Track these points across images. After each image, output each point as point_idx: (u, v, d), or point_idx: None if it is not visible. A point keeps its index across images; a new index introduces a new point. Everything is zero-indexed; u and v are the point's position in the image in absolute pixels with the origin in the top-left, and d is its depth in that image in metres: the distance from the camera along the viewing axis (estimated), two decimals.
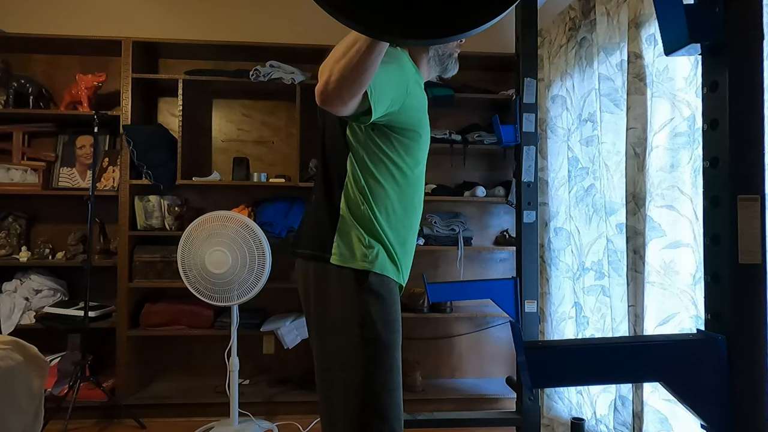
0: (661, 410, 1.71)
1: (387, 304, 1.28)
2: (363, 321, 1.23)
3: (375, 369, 1.22)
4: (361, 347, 1.23)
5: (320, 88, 1.04)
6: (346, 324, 1.24)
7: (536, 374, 0.90)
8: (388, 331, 1.26)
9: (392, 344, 1.26)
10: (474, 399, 3.00)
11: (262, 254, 2.39)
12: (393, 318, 1.28)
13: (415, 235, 1.42)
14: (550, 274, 2.70)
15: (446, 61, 1.45)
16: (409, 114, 1.25)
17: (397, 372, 1.26)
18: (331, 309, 1.27)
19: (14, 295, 2.81)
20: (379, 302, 1.26)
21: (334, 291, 1.27)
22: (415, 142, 1.32)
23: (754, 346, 0.89)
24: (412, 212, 1.38)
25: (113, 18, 3.13)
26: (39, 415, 1.76)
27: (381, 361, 1.23)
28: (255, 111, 3.22)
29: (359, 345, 1.23)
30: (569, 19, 2.48)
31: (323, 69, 1.03)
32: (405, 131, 1.28)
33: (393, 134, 1.27)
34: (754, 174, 0.89)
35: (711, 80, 0.93)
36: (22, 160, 2.92)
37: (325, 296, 1.28)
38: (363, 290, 1.25)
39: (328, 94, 1.03)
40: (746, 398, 0.89)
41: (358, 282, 1.25)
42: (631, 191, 1.87)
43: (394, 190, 1.31)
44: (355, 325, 1.23)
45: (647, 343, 0.96)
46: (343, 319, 1.25)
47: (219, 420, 2.62)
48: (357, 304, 1.24)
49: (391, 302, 1.29)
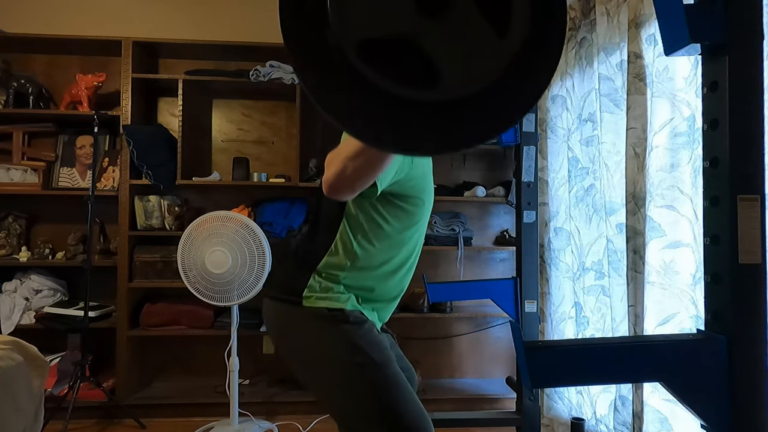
0: (661, 410, 1.71)
1: (366, 328, 1.26)
2: (350, 349, 1.21)
3: (383, 390, 1.20)
4: (360, 374, 1.20)
5: (331, 181, 0.99)
6: (335, 358, 1.21)
7: (536, 374, 0.90)
8: (377, 350, 1.23)
9: (386, 361, 1.23)
10: (474, 399, 3.00)
11: (262, 254, 2.39)
12: (377, 340, 1.26)
13: (401, 290, 1.40)
14: (550, 274, 2.70)
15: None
16: (413, 182, 1.24)
17: (403, 383, 1.23)
18: (314, 350, 1.25)
19: (14, 295, 2.81)
20: (358, 328, 1.24)
21: (311, 331, 1.25)
22: (418, 207, 1.31)
23: (754, 346, 0.89)
24: (401, 272, 1.36)
25: (113, 18, 3.13)
26: (39, 415, 1.75)
27: (383, 380, 1.21)
28: (255, 111, 3.22)
29: (357, 373, 1.20)
30: (569, 19, 2.48)
31: (333, 161, 0.99)
32: (408, 198, 1.27)
33: (395, 201, 1.26)
34: (754, 174, 0.89)
35: (711, 80, 0.93)
36: (22, 160, 2.92)
37: (304, 339, 1.26)
38: (339, 322, 1.24)
39: (340, 188, 0.99)
40: (746, 398, 0.89)
41: (333, 317, 1.24)
42: (631, 191, 1.87)
43: (387, 254, 1.30)
44: (345, 356, 1.21)
45: (647, 343, 0.96)
46: (331, 354, 1.22)
47: (219, 420, 2.62)
48: (339, 336, 1.22)
49: (370, 327, 1.27)
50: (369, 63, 0.56)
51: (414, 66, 0.58)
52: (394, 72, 0.57)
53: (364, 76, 0.56)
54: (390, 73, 0.57)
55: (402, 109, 0.58)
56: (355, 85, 0.57)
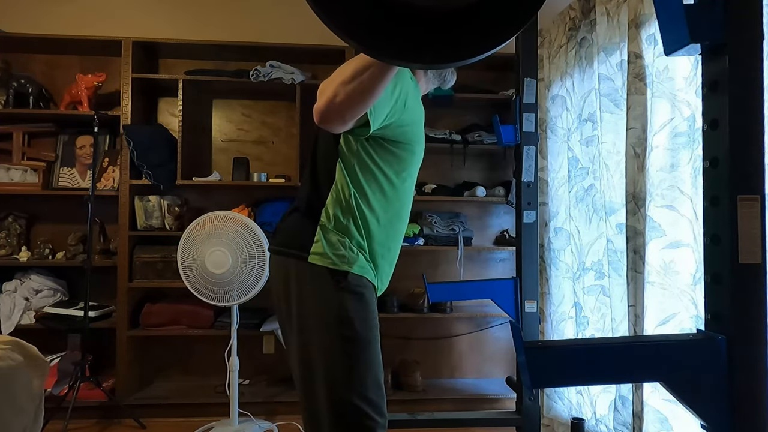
0: (661, 410, 1.71)
1: (364, 302, 1.28)
2: (341, 318, 1.24)
3: (355, 364, 1.23)
4: (341, 344, 1.23)
5: (321, 108, 1.02)
6: (325, 322, 1.24)
7: (536, 374, 0.90)
8: (366, 328, 1.26)
9: (371, 340, 1.27)
10: (474, 399, 3.00)
11: (262, 254, 2.39)
12: (370, 316, 1.29)
13: (399, 245, 1.42)
14: (550, 274, 2.70)
15: (444, 72, 1.45)
16: (405, 128, 1.25)
17: (377, 366, 1.27)
18: (309, 306, 1.27)
19: (14, 295, 2.81)
20: (356, 300, 1.26)
21: (312, 289, 1.27)
22: (409, 154, 1.32)
23: (754, 346, 0.89)
24: (397, 223, 1.38)
25: (113, 18, 3.13)
26: (39, 415, 1.75)
27: (360, 357, 1.24)
28: (255, 111, 3.22)
29: (338, 342, 1.23)
30: (569, 19, 2.48)
31: (325, 89, 1.01)
32: (399, 144, 1.28)
33: (387, 146, 1.27)
34: (754, 174, 0.89)
35: (711, 80, 0.93)
36: (22, 160, 2.92)
37: (304, 294, 1.28)
38: (341, 289, 1.25)
39: (330, 114, 1.02)
40: (746, 398, 0.89)
41: (335, 281, 1.25)
42: (631, 191, 1.87)
43: (381, 201, 1.31)
44: (334, 323, 1.24)
45: (647, 343, 0.96)
46: (322, 316, 1.25)
47: (219, 420, 2.62)
48: (335, 303, 1.24)
49: (368, 301, 1.29)
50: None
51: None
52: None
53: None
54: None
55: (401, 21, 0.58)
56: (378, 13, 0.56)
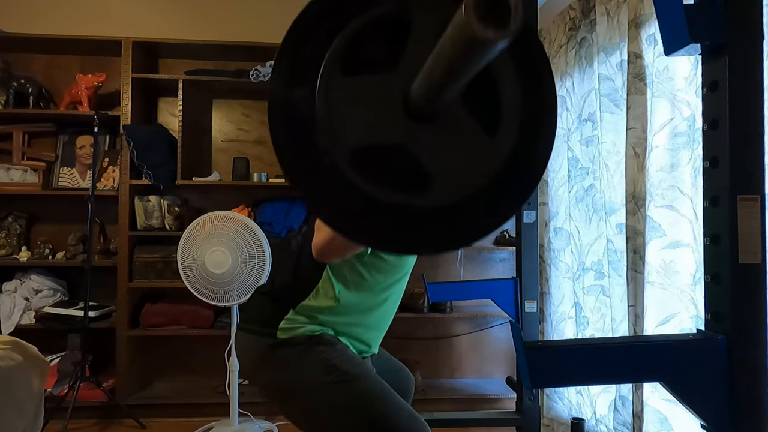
0: (661, 410, 1.71)
1: (339, 348, 1.26)
2: (324, 369, 1.20)
3: (367, 401, 1.19)
4: (340, 391, 1.19)
5: (320, 246, 1.03)
6: (312, 382, 1.21)
7: (536, 374, 0.89)
8: (352, 365, 1.23)
9: (363, 375, 1.23)
10: (474, 399, 3.00)
11: (262, 254, 2.39)
12: (350, 356, 1.26)
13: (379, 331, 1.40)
14: (550, 274, 2.70)
15: None
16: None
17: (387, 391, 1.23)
18: (290, 378, 1.23)
19: (14, 295, 2.81)
20: (331, 349, 1.24)
21: (284, 360, 1.24)
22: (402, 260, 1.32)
23: (754, 346, 0.89)
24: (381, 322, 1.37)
25: (113, 18, 3.13)
26: (39, 415, 1.75)
27: (365, 391, 1.21)
28: (255, 111, 3.22)
29: (337, 390, 1.19)
30: (569, 19, 2.48)
31: (323, 227, 1.00)
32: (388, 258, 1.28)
33: (381, 254, 1.26)
34: (754, 174, 0.89)
35: (711, 80, 0.92)
36: (22, 160, 2.92)
37: (279, 369, 1.25)
38: (313, 344, 1.23)
39: (328, 255, 1.03)
40: (746, 398, 0.89)
41: (307, 341, 1.24)
42: (631, 191, 1.87)
43: (365, 300, 1.30)
44: (321, 377, 1.20)
45: (647, 343, 0.96)
46: (307, 379, 1.21)
47: (219, 420, 2.62)
48: (311, 359, 1.22)
49: (343, 347, 1.27)
50: (360, 171, 0.56)
51: (405, 172, 0.57)
52: (386, 179, 0.57)
53: (357, 185, 0.56)
54: (382, 180, 0.57)
55: (398, 213, 0.58)
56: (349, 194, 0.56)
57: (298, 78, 0.57)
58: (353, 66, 0.57)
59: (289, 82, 0.57)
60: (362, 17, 0.57)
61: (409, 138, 0.56)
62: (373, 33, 0.57)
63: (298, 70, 0.57)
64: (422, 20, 0.57)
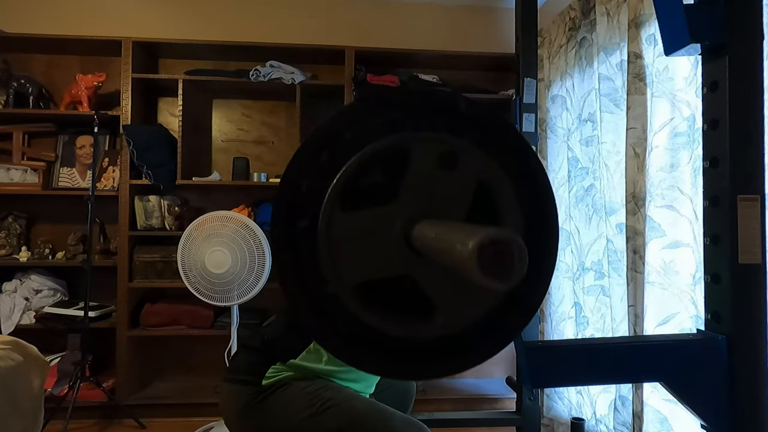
0: (661, 410, 1.71)
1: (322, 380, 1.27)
2: (309, 401, 1.22)
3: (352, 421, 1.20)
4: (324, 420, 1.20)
5: None
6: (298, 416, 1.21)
7: (536, 374, 0.89)
8: (335, 392, 1.25)
9: (347, 397, 1.25)
10: (474, 399, 3.00)
11: (262, 254, 2.39)
12: (333, 385, 1.28)
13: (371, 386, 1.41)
14: None
15: None
16: None
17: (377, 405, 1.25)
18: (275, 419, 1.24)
19: (14, 295, 2.81)
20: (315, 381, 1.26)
21: (269, 404, 1.25)
22: None
23: (754, 346, 0.89)
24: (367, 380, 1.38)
25: (113, 18, 3.13)
26: (39, 415, 1.76)
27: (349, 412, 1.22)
28: (255, 111, 3.22)
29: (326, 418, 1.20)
30: (569, 19, 2.48)
31: None
32: None
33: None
34: (754, 174, 0.89)
35: (711, 80, 0.92)
36: (22, 160, 2.91)
37: (265, 414, 1.25)
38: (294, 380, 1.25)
39: None
40: (746, 398, 0.89)
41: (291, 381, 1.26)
42: (631, 191, 1.87)
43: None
44: (307, 409, 1.21)
45: (647, 343, 0.96)
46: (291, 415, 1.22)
47: (219, 420, 2.62)
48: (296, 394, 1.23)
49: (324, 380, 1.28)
50: (364, 303, 0.56)
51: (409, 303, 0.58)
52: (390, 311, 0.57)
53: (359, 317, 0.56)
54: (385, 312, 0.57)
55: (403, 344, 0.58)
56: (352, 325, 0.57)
57: (300, 208, 0.58)
58: (353, 199, 0.57)
59: (292, 211, 0.58)
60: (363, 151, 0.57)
61: (410, 268, 0.57)
62: (373, 165, 0.58)
63: (300, 200, 0.58)
64: (421, 153, 0.57)
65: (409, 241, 0.56)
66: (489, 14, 3.37)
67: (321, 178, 0.57)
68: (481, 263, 0.40)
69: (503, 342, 0.61)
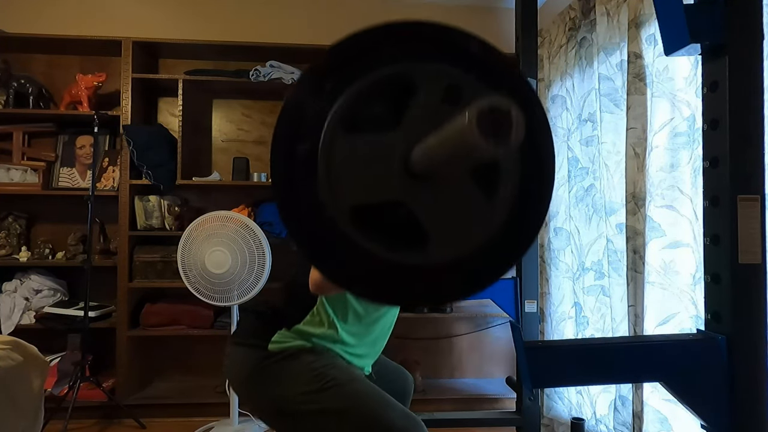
0: (661, 410, 1.71)
1: (329, 356, 1.28)
2: (312, 378, 1.22)
3: (359, 403, 1.21)
4: (331, 397, 1.20)
5: (318, 282, 1.12)
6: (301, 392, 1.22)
7: (536, 374, 0.90)
8: (340, 371, 1.25)
9: (352, 379, 1.25)
10: (474, 399, 3.00)
11: (262, 254, 2.39)
12: (339, 363, 1.28)
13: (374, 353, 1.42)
14: (550, 274, 2.70)
15: None
16: None
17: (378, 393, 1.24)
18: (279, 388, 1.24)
19: (14, 295, 2.81)
20: (321, 357, 1.26)
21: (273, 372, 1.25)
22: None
23: (754, 346, 0.89)
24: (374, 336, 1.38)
25: (113, 18, 3.13)
26: (39, 415, 1.75)
27: (355, 394, 1.22)
28: (255, 111, 3.22)
29: (327, 397, 1.21)
30: (569, 19, 2.48)
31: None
32: None
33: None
34: (754, 174, 0.89)
35: (711, 80, 0.93)
36: (22, 160, 2.91)
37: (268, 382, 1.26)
38: (302, 354, 1.25)
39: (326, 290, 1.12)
40: (746, 398, 0.89)
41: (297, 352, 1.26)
42: (631, 191, 1.87)
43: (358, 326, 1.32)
44: (310, 385, 1.21)
45: (647, 343, 0.96)
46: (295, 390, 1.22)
47: (219, 420, 2.62)
48: (300, 369, 1.23)
49: (332, 355, 1.29)
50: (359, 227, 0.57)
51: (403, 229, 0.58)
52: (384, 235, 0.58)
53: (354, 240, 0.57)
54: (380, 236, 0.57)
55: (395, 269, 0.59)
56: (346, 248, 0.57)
57: (301, 131, 0.58)
58: (356, 123, 0.57)
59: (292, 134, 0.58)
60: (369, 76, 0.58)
61: (408, 195, 0.57)
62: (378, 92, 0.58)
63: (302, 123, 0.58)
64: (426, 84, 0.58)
65: (408, 167, 0.56)
66: (489, 14, 3.37)
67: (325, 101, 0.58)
68: (481, 127, 0.41)
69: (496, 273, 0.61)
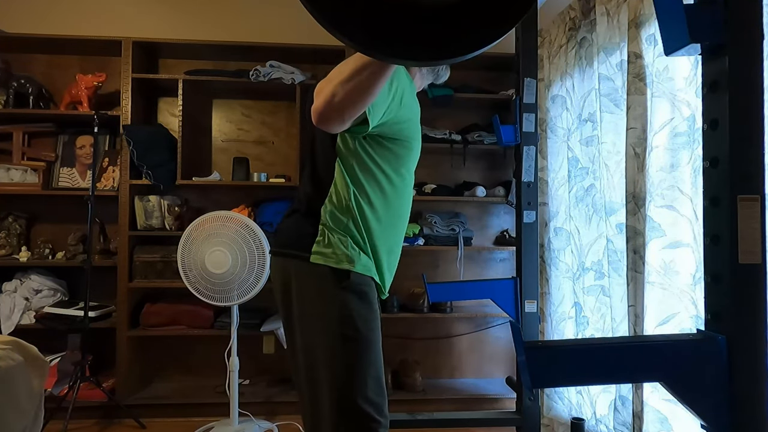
0: (661, 410, 1.71)
1: (367, 301, 1.28)
2: (343, 318, 1.24)
3: (357, 364, 1.24)
4: (343, 344, 1.24)
5: (320, 108, 1.01)
6: (327, 321, 1.25)
7: (536, 374, 0.90)
8: (368, 328, 1.27)
9: (373, 340, 1.27)
10: (474, 399, 3.00)
11: (262, 254, 2.39)
12: (372, 315, 1.29)
13: (400, 243, 1.43)
14: (550, 274, 2.70)
15: (438, 68, 1.46)
16: (402, 125, 1.26)
17: (379, 366, 1.28)
18: (311, 307, 1.28)
19: (14, 295, 2.81)
20: (358, 299, 1.27)
21: (313, 289, 1.27)
22: (407, 150, 1.32)
23: (754, 346, 0.89)
24: (398, 221, 1.38)
25: (113, 18, 3.13)
26: (39, 415, 1.76)
27: (362, 356, 1.25)
28: (255, 111, 3.22)
29: (340, 342, 1.24)
30: (569, 19, 2.48)
31: (323, 89, 1.00)
32: (397, 141, 1.28)
33: (384, 143, 1.27)
34: (754, 174, 0.89)
35: (711, 80, 0.93)
36: (22, 160, 2.91)
37: (305, 294, 1.28)
38: (343, 288, 1.26)
39: (330, 114, 1.01)
40: (746, 398, 0.89)
41: (338, 280, 1.26)
42: (631, 191, 1.87)
43: (381, 199, 1.32)
44: (336, 323, 1.24)
45: (647, 343, 0.96)
46: (323, 316, 1.26)
47: (219, 420, 2.62)
48: (337, 302, 1.25)
49: (371, 300, 1.30)
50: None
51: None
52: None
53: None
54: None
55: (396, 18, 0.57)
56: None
57: None
58: None
59: None
60: None
61: None
62: None
63: None
64: None
65: None
66: None
67: None
68: None
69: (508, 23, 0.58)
